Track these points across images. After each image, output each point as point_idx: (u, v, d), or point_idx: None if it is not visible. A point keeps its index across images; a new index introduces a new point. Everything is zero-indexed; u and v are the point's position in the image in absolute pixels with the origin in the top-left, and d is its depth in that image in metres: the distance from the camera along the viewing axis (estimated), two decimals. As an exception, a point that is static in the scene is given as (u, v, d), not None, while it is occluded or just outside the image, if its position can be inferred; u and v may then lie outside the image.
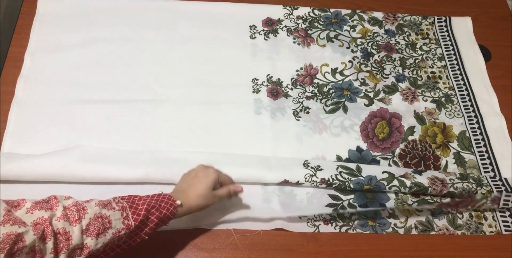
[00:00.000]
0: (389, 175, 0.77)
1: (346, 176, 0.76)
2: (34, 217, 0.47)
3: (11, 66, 0.85)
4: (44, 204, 0.49)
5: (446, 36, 1.02)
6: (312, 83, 0.91)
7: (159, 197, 0.60)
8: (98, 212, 0.52)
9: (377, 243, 0.75)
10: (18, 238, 0.43)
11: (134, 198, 0.58)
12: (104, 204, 0.54)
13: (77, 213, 0.50)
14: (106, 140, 0.79)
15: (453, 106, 0.92)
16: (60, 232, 0.48)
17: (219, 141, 0.82)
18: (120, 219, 0.54)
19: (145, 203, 0.57)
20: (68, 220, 0.49)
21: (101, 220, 0.52)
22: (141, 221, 0.56)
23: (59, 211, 0.49)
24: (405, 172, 0.79)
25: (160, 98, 0.85)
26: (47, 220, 0.47)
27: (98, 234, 0.51)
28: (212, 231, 0.73)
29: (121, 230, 0.54)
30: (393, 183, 0.76)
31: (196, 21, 0.96)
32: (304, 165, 0.77)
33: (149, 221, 0.58)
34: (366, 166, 0.80)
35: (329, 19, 1.01)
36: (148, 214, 0.57)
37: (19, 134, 0.77)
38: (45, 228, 0.46)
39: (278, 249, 0.73)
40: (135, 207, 0.56)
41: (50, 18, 0.91)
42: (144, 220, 0.57)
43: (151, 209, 0.57)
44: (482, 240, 0.77)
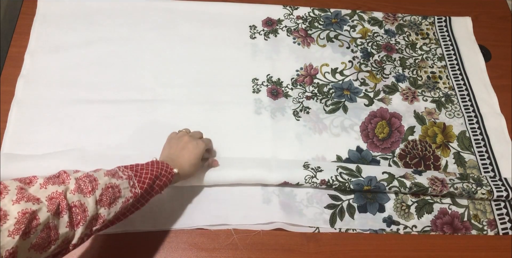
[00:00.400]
0: (389, 176, 0.77)
1: (346, 177, 0.76)
2: (49, 192, 0.47)
3: (11, 66, 0.85)
4: (55, 179, 0.49)
5: (446, 36, 1.02)
6: (312, 83, 0.91)
7: (159, 166, 0.61)
8: (108, 182, 0.53)
9: (377, 243, 0.75)
10: (32, 216, 0.43)
11: (136, 167, 0.60)
12: (112, 174, 0.55)
13: (90, 184, 0.50)
14: (106, 140, 0.79)
15: (453, 106, 0.92)
16: (76, 205, 0.48)
17: (219, 141, 0.82)
18: (128, 188, 0.55)
19: (148, 172, 0.59)
20: (82, 192, 0.49)
21: (111, 189, 0.53)
22: (145, 189, 0.58)
23: (72, 184, 0.49)
24: (405, 172, 0.79)
25: (160, 98, 0.85)
26: (61, 194, 0.47)
27: (110, 204, 0.52)
28: (212, 231, 0.73)
29: (130, 198, 0.55)
30: (393, 184, 0.76)
31: (196, 21, 0.96)
32: (304, 166, 0.77)
33: (152, 189, 0.59)
34: (366, 166, 0.80)
35: (329, 19, 1.01)
36: (152, 183, 0.59)
37: (19, 134, 0.77)
38: (60, 202, 0.46)
39: (278, 249, 0.73)
40: (139, 176, 0.58)
41: (50, 18, 0.91)
42: (148, 188, 0.58)
43: (154, 178, 0.59)
44: (482, 240, 0.77)
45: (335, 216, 0.77)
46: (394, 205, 0.79)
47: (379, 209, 0.78)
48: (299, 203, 0.77)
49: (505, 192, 0.78)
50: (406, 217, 0.78)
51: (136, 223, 0.71)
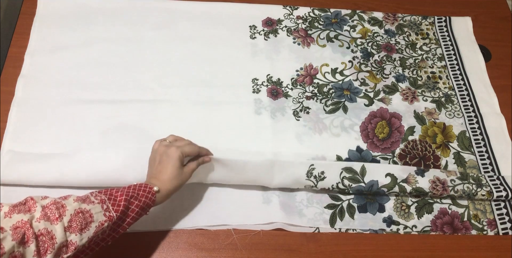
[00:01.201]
0: (391, 180, 0.77)
1: (348, 183, 0.76)
2: (13, 221, 0.46)
3: (11, 66, 0.85)
4: (21, 206, 0.48)
5: (446, 36, 1.02)
6: (312, 83, 0.91)
7: (136, 187, 0.59)
8: (77, 207, 0.51)
9: (377, 243, 0.75)
10: None
11: (111, 190, 0.58)
12: (83, 199, 0.53)
13: (57, 211, 0.49)
14: (106, 140, 0.79)
15: (453, 106, 0.92)
16: (43, 233, 0.47)
17: (219, 141, 0.82)
18: (101, 212, 0.53)
19: (123, 194, 0.57)
20: (49, 220, 0.48)
21: (82, 215, 0.51)
22: (122, 211, 0.56)
23: (37, 212, 0.48)
24: (408, 174, 0.78)
25: (160, 98, 0.85)
26: (27, 223, 0.46)
27: (81, 229, 0.50)
28: (212, 231, 0.73)
29: (104, 222, 0.53)
30: (394, 189, 0.76)
31: (196, 21, 0.96)
32: (307, 174, 0.75)
33: (130, 211, 0.58)
34: (371, 166, 0.78)
35: (329, 19, 1.01)
36: (128, 204, 0.57)
37: (19, 134, 0.77)
38: (25, 231, 0.45)
39: (278, 249, 0.73)
40: (114, 199, 0.56)
41: (50, 18, 0.91)
42: (125, 210, 0.56)
43: (130, 199, 0.57)
44: (482, 240, 0.77)
45: (335, 216, 0.77)
46: (394, 205, 0.79)
47: (379, 209, 0.78)
48: (299, 203, 0.77)
49: (504, 191, 0.78)
50: (406, 217, 0.78)
51: (136, 223, 0.71)
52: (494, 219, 0.79)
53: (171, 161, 0.64)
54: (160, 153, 0.65)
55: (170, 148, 0.65)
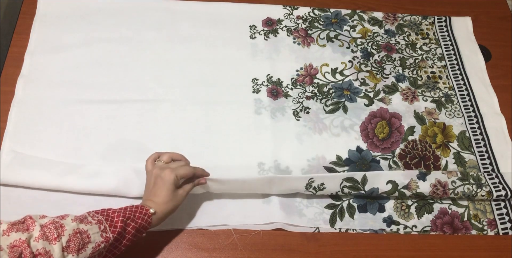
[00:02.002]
0: (392, 187, 0.76)
1: (347, 191, 0.76)
2: (11, 239, 0.45)
3: (11, 66, 0.85)
4: (20, 225, 0.48)
5: (446, 36, 1.02)
6: (312, 83, 0.91)
7: (132, 208, 0.60)
8: (76, 227, 0.51)
9: (377, 243, 0.75)
10: None
11: (108, 211, 0.58)
12: (80, 219, 0.53)
13: (56, 231, 0.49)
14: (106, 140, 0.79)
15: (453, 106, 0.92)
16: (41, 253, 0.47)
17: (219, 141, 0.82)
18: (98, 233, 0.53)
19: (120, 215, 0.57)
20: (47, 239, 0.48)
21: (79, 235, 0.51)
22: (118, 233, 0.56)
23: (36, 231, 0.48)
24: (410, 179, 0.77)
25: (160, 98, 0.85)
26: (24, 242, 0.46)
27: (78, 250, 0.50)
28: (212, 231, 0.73)
29: (101, 243, 0.53)
30: (394, 195, 0.77)
31: (196, 21, 0.96)
32: (306, 187, 0.75)
33: (127, 232, 0.58)
34: (372, 174, 0.77)
35: (329, 19, 1.01)
36: (124, 225, 0.57)
37: (19, 134, 0.77)
38: (22, 250, 0.45)
39: (278, 249, 0.73)
40: (111, 220, 0.56)
41: (50, 18, 0.91)
42: (122, 231, 0.56)
43: (127, 220, 0.57)
44: (482, 240, 0.77)
45: (335, 216, 0.77)
46: (394, 205, 0.79)
47: (379, 209, 0.78)
48: (299, 203, 0.77)
49: (503, 191, 0.78)
50: (406, 217, 0.78)
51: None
52: (494, 219, 0.79)
53: (166, 185, 0.63)
54: (154, 176, 0.65)
55: (164, 170, 0.64)
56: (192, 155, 0.79)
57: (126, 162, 0.77)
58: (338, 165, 0.82)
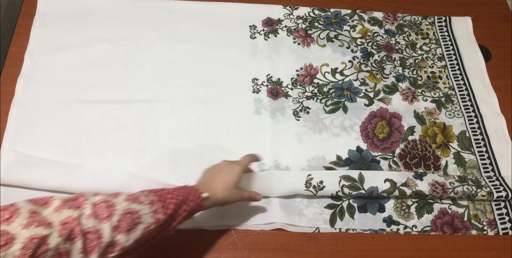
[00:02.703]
0: (391, 185, 0.77)
1: (348, 191, 0.76)
2: (63, 216, 0.45)
3: (11, 66, 0.85)
4: (72, 202, 0.48)
5: (446, 36, 1.02)
6: (312, 83, 0.91)
7: (186, 190, 0.59)
8: (127, 207, 0.51)
9: (377, 243, 0.75)
10: (41, 241, 0.41)
11: (162, 191, 0.57)
12: (133, 199, 0.53)
13: (107, 210, 0.48)
14: (106, 140, 0.79)
15: (453, 106, 0.92)
16: (91, 231, 0.46)
17: (219, 141, 0.82)
18: (149, 214, 0.53)
19: (174, 197, 0.56)
20: (98, 218, 0.48)
21: (130, 215, 0.50)
22: (170, 215, 0.55)
23: (87, 209, 0.47)
24: (406, 178, 0.78)
25: (160, 98, 0.85)
26: (76, 220, 0.45)
27: (129, 230, 0.50)
28: (212, 231, 0.73)
29: (151, 225, 0.53)
30: (394, 193, 0.77)
31: (196, 21, 0.96)
32: (306, 184, 0.76)
33: (177, 215, 0.57)
34: (368, 173, 0.78)
35: (329, 19, 1.01)
36: (177, 208, 0.57)
37: (19, 134, 0.77)
38: (73, 228, 0.45)
39: (278, 249, 0.73)
40: (163, 200, 0.55)
41: (50, 18, 0.91)
42: (173, 213, 0.56)
43: (179, 203, 0.57)
44: (482, 240, 0.77)
45: (335, 216, 0.77)
46: (394, 205, 0.79)
47: (379, 209, 0.78)
48: (299, 203, 0.77)
49: (504, 192, 0.78)
50: (406, 217, 0.78)
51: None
52: (494, 219, 0.79)
53: (231, 175, 0.65)
54: (222, 165, 0.67)
55: (234, 164, 0.67)
56: (192, 155, 0.79)
57: (126, 162, 0.77)
58: (338, 165, 0.82)
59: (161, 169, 0.77)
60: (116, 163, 0.76)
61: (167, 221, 0.56)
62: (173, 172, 0.77)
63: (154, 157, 0.78)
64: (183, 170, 0.77)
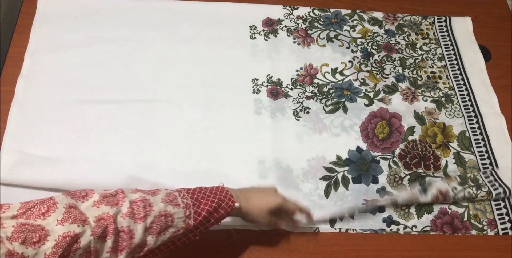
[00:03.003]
0: (392, 204, 0.78)
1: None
2: (99, 211, 0.45)
3: (11, 66, 0.85)
4: (111, 198, 0.47)
5: (446, 36, 1.02)
6: (312, 83, 0.91)
7: (221, 196, 0.58)
8: (163, 209, 0.50)
9: (377, 243, 0.75)
10: (73, 239, 0.41)
11: (198, 193, 0.56)
12: (170, 200, 0.52)
13: (144, 210, 0.48)
14: (106, 140, 0.79)
15: (453, 106, 0.92)
16: (124, 231, 0.46)
17: (219, 141, 0.82)
18: (182, 218, 0.52)
19: (208, 204, 0.56)
20: (134, 218, 0.47)
21: (164, 218, 0.50)
22: (200, 222, 0.55)
23: (125, 207, 0.47)
24: (409, 197, 0.78)
25: (160, 98, 0.85)
26: (111, 217, 0.45)
27: (159, 233, 0.50)
28: (212, 231, 0.73)
29: (181, 229, 0.53)
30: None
31: (196, 21, 0.96)
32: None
33: (207, 221, 0.57)
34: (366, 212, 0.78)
35: (329, 19, 1.01)
36: (209, 215, 0.56)
37: (19, 134, 0.77)
38: (108, 225, 0.45)
39: (278, 249, 0.73)
40: (198, 206, 0.55)
41: (50, 18, 0.91)
42: (203, 220, 0.55)
43: (212, 211, 0.56)
44: (482, 240, 0.77)
45: (330, 187, 0.77)
46: (387, 177, 0.80)
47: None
48: (295, 177, 0.78)
49: (500, 188, 0.78)
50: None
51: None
52: (494, 219, 0.79)
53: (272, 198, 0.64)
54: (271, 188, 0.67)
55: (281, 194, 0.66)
56: (192, 155, 0.79)
57: (126, 162, 0.77)
58: (338, 165, 0.82)
59: (161, 169, 0.77)
60: (116, 163, 0.76)
61: (196, 226, 0.55)
62: (173, 172, 0.77)
63: (154, 157, 0.78)
64: (183, 170, 0.77)
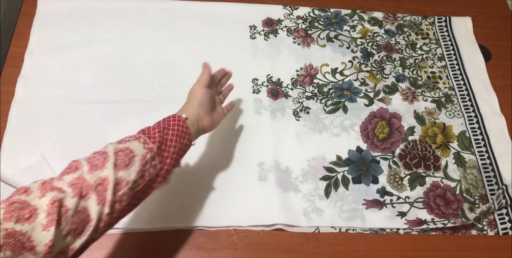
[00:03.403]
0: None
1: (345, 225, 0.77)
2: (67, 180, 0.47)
3: (11, 66, 0.85)
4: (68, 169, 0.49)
5: (446, 36, 1.02)
6: (312, 83, 0.91)
7: (165, 119, 0.61)
8: (116, 147, 0.53)
9: (377, 243, 0.75)
10: (60, 203, 0.43)
11: (143, 128, 0.59)
12: (118, 142, 0.55)
13: (101, 157, 0.50)
14: (106, 140, 0.78)
15: (453, 106, 0.92)
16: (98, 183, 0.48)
17: (219, 141, 0.82)
18: (140, 145, 0.54)
19: (155, 127, 0.59)
20: (98, 168, 0.49)
21: (122, 152, 0.52)
22: (159, 141, 0.57)
23: (85, 166, 0.49)
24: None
25: (160, 98, 0.85)
26: (80, 178, 0.47)
27: (127, 165, 0.51)
28: (212, 231, 0.73)
29: (146, 154, 0.54)
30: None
31: (196, 21, 0.96)
32: (305, 214, 0.76)
33: (169, 140, 0.58)
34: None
35: (329, 19, 1.01)
36: (162, 134, 0.58)
37: (19, 134, 0.77)
38: (82, 185, 0.46)
39: (278, 249, 0.73)
40: (148, 132, 0.58)
41: (50, 18, 0.91)
42: (162, 140, 0.57)
43: (163, 130, 0.58)
44: (482, 240, 0.77)
45: (330, 187, 0.78)
46: (388, 177, 0.79)
47: (373, 179, 0.78)
48: (294, 179, 0.78)
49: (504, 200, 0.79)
50: (399, 189, 0.79)
51: (136, 223, 0.71)
52: (494, 219, 0.79)
53: (196, 85, 0.68)
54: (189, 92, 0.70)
55: (194, 85, 0.69)
56: (192, 155, 0.79)
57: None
58: (338, 165, 0.82)
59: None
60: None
61: (160, 148, 0.57)
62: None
63: None
64: (182, 170, 0.77)
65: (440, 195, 0.80)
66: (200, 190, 0.76)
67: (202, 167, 0.78)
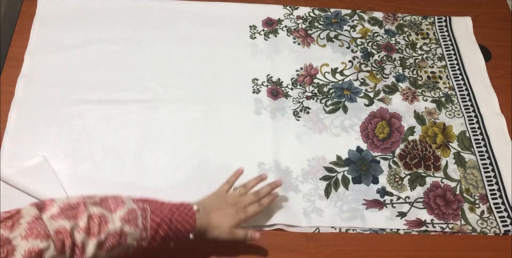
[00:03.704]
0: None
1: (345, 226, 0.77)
2: (57, 225, 0.46)
3: (11, 66, 0.85)
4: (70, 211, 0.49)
5: (446, 36, 1.02)
6: (312, 83, 0.91)
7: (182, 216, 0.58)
8: (119, 229, 0.51)
9: (377, 243, 0.75)
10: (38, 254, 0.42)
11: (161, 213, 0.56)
12: (129, 220, 0.53)
13: (98, 227, 0.49)
14: (106, 140, 0.79)
15: (453, 106, 0.92)
16: (78, 245, 0.47)
17: (219, 141, 0.82)
18: (136, 239, 0.53)
19: (166, 230, 0.56)
20: (89, 233, 0.49)
21: (118, 237, 0.51)
22: (153, 247, 0.56)
23: (82, 221, 0.48)
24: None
25: (160, 98, 0.85)
26: (67, 231, 0.46)
27: (110, 249, 0.51)
28: (212, 231, 0.73)
29: (131, 248, 0.54)
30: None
31: (196, 21, 0.96)
32: (305, 214, 0.76)
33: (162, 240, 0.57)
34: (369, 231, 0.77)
35: (329, 19, 1.01)
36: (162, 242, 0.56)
37: (19, 134, 0.77)
38: (64, 239, 0.46)
39: (278, 249, 0.73)
40: (155, 230, 0.55)
41: (50, 18, 0.91)
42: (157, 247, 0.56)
43: (165, 237, 0.57)
44: (482, 240, 0.77)
45: (330, 187, 0.78)
46: (387, 177, 0.79)
47: (373, 179, 0.78)
48: (294, 179, 0.78)
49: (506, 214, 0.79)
50: (399, 189, 0.79)
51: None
52: (485, 194, 0.80)
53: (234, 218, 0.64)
54: (228, 203, 0.66)
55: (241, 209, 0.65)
56: (192, 155, 0.79)
57: (126, 162, 0.77)
58: (338, 165, 0.82)
59: (160, 169, 0.77)
60: (116, 163, 0.77)
61: (148, 248, 0.56)
62: (173, 172, 0.77)
63: (153, 157, 0.78)
64: (183, 170, 0.77)
65: (440, 195, 0.80)
66: (199, 191, 0.76)
67: (201, 167, 0.78)
